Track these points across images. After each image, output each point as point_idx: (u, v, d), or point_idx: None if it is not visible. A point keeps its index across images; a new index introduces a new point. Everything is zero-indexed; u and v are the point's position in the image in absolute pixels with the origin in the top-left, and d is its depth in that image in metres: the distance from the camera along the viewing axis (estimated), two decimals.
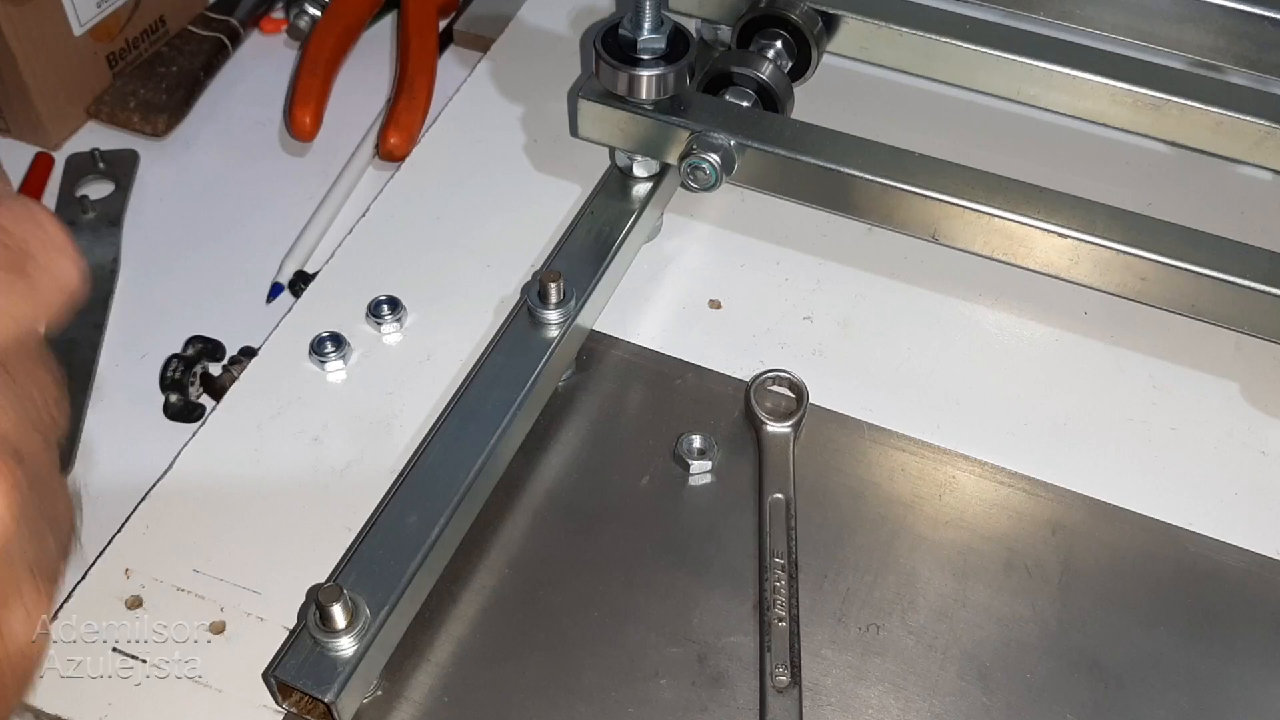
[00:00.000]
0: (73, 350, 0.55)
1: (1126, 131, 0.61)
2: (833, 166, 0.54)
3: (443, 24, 0.71)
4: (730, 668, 0.45)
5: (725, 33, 0.64)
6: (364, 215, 0.60)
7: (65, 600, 0.46)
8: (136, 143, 0.64)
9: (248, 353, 0.55)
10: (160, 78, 0.66)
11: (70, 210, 0.60)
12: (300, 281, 0.58)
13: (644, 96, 0.55)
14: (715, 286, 0.58)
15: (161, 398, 0.54)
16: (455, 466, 0.47)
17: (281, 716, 0.43)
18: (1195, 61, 0.59)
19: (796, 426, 0.52)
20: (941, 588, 0.48)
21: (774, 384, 0.53)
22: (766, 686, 0.44)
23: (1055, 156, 0.64)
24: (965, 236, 0.54)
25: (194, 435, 0.52)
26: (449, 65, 0.69)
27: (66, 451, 0.51)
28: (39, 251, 0.29)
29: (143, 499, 0.49)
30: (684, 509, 0.50)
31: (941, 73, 0.63)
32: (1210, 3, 0.56)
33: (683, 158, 0.55)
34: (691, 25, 0.57)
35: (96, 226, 0.60)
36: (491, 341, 0.52)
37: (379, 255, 0.58)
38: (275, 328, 0.56)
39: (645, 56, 0.54)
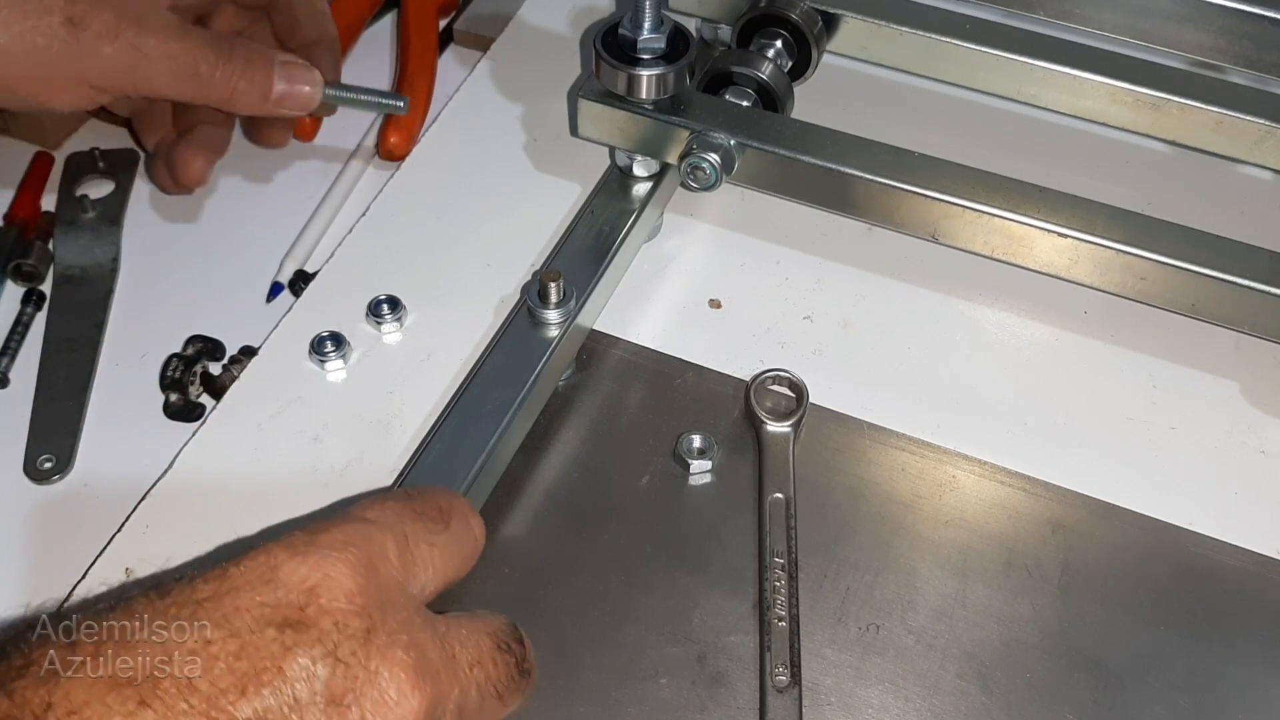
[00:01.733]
0: (73, 350, 0.55)
1: (1126, 131, 0.61)
2: (833, 166, 0.54)
3: (443, 23, 0.71)
4: (730, 667, 0.45)
5: (725, 32, 0.64)
6: (364, 215, 0.60)
7: (65, 599, 0.46)
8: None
9: (248, 352, 0.55)
10: None
11: (70, 210, 0.60)
12: (300, 281, 0.58)
13: (644, 96, 0.55)
14: (715, 286, 0.58)
15: (161, 397, 0.54)
16: (455, 466, 0.47)
17: None
18: (1195, 61, 0.59)
19: (796, 426, 0.52)
20: (941, 587, 0.48)
21: (774, 383, 0.53)
22: (766, 686, 0.44)
23: (1055, 156, 0.64)
24: (965, 236, 0.54)
25: (194, 435, 0.52)
26: (449, 65, 0.69)
27: (67, 451, 0.51)
28: (455, 513, 0.38)
29: (143, 499, 0.49)
30: (684, 509, 0.50)
31: (941, 72, 0.63)
32: (1210, 3, 0.56)
33: (683, 157, 0.55)
34: (691, 24, 0.57)
35: (96, 226, 0.60)
36: (491, 341, 0.52)
37: (379, 255, 0.59)
38: (275, 327, 0.56)
39: (645, 56, 0.54)
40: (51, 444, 0.51)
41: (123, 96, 0.49)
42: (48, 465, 0.51)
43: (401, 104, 0.57)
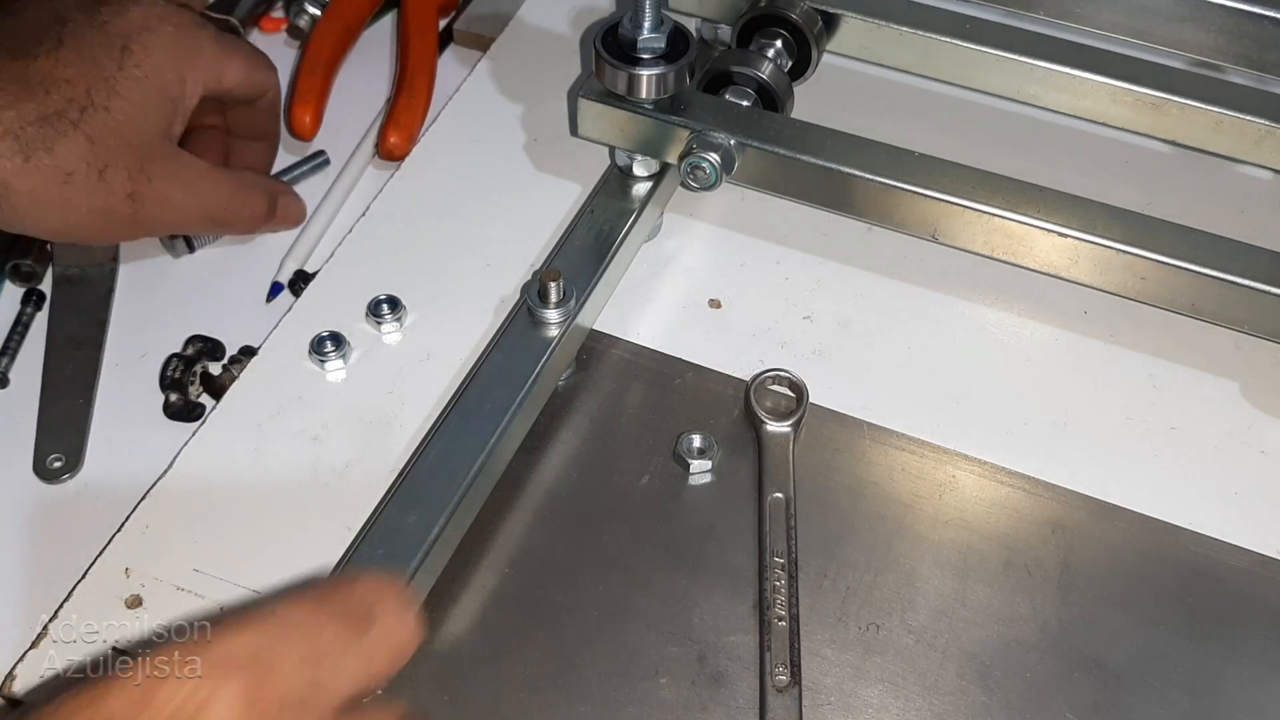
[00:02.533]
0: (77, 349, 0.55)
1: (1126, 131, 0.61)
2: (833, 166, 0.54)
3: (443, 23, 0.71)
4: (730, 667, 0.45)
5: (725, 32, 0.64)
6: (364, 215, 0.60)
7: (65, 600, 0.46)
8: None
9: (248, 352, 0.55)
10: None
11: None
12: (300, 281, 0.58)
13: (644, 96, 0.55)
14: (715, 286, 0.58)
15: (161, 397, 0.54)
16: (455, 466, 0.47)
17: None
18: (1195, 61, 0.59)
19: (796, 426, 0.52)
20: (941, 587, 0.48)
21: (774, 383, 0.53)
22: (766, 686, 0.44)
23: (1055, 156, 0.64)
24: (965, 236, 0.54)
25: (194, 435, 0.52)
26: (449, 65, 0.69)
27: (76, 450, 0.51)
28: (380, 617, 0.35)
29: (143, 498, 0.49)
30: (684, 509, 0.50)
31: (941, 72, 0.63)
32: (1210, 3, 0.56)
33: (683, 157, 0.55)
34: (691, 24, 0.57)
35: None
36: (491, 341, 0.52)
37: (379, 255, 0.59)
38: (275, 327, 0.56)
39: (645, 56, 0.54)
40: (60, 443, 0.51)
41: None
42: (57, 464, 0.51)
43: (323, 158, 0.64)
